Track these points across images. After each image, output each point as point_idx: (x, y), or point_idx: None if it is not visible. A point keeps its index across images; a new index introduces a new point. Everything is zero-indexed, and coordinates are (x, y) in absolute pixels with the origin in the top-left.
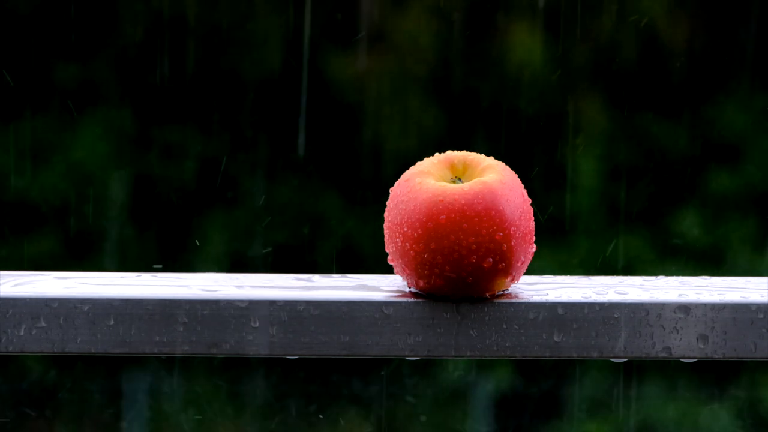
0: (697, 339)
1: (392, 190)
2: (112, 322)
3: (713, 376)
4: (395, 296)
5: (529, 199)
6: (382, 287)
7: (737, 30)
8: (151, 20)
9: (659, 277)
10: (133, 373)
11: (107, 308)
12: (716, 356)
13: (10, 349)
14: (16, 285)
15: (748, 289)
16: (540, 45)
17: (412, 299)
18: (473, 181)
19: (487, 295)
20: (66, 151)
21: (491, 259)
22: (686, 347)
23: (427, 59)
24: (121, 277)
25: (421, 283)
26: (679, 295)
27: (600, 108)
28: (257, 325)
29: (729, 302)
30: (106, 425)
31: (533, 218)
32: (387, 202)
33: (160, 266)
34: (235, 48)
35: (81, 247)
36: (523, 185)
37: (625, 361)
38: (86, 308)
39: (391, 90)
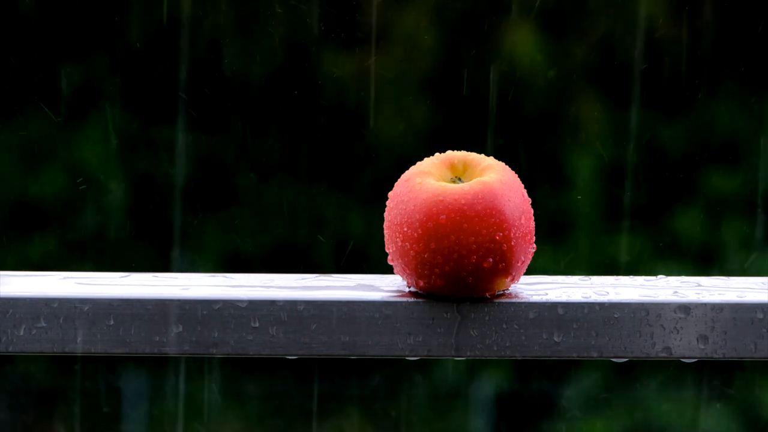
0: (697, 339)
1: (392, 190)
2: (112, 322)
3: (713, 376)
4: (395, 296)
5: (529, 199)
6: (382, 287)
7: (737, 29)
8: (152, 20)
9: (659, 277)
10: (133, 372)
11: (107, 308)
12: (716, 356)
13: (10, 349)
14: (16, 285)
15: (748, 289)
16: (540, 44)
17: (412, 299)
18: (473, 181)
19: (487, 295)
20: (66, 151)
21: (491, 259)
22: (686, 347)
23: (427, 59)
24: (121, 277)
25: (421, 283)
26: (679, 295)
27: (599, 107)
28: (257, 325)
29: (729, 302)
30: (106, 425)
31: (533, 218)
32: (387, 202)
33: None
34: (236, 48)
35: (81, 248)
36: (523, 185)
37: (625, 361)
38: (86, 308)
39: (392, 90)
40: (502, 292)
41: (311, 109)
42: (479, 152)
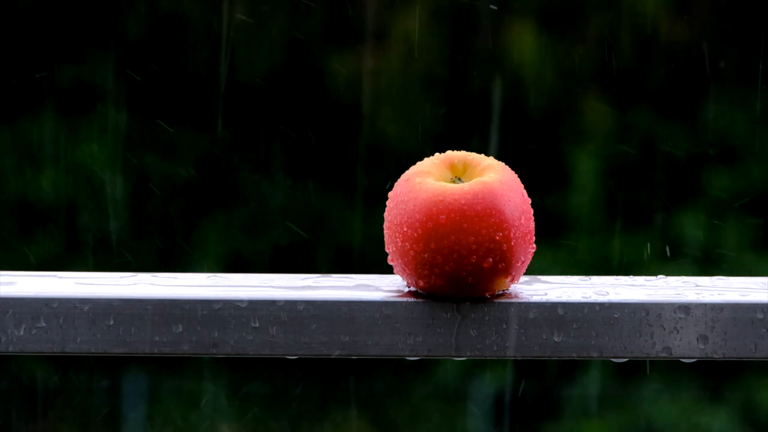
0: (697, 339)
1: (392, 190)
2: (112, 322)
3: (713, 376)
4: (395, 296)
5: (529, 199)
6: (382, 287)
7: (737, 30)
8: (151, 20)
9: (659, 277)
10: (132, 372)
11: (107, 308)
12: (716, 356)
13: (10, 349)
14: (16, 285)
15: (748, 289)
16: (540, 45)
17: (412, 299)
18: (473, 181)
19: (487, 295)
20: (66, 151)
21: (491, 259)
22: (686, 347)
23: (427, 59)
24: (121, 277)
25: (421, 283)
26: (679, 295)
27: (600, 107)
28: (257, 325)
29: (729, 302)
30: (106, 425)
31: (533, 218)
32: (387, 202)
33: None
34: (235, 47)
35: (81, 247)
36: (523, 185)
37: (625, 361)
38: (86, 308)
39: (391, 90)
40: (502, 292)
41: (312, 109)
42: (479, 152)
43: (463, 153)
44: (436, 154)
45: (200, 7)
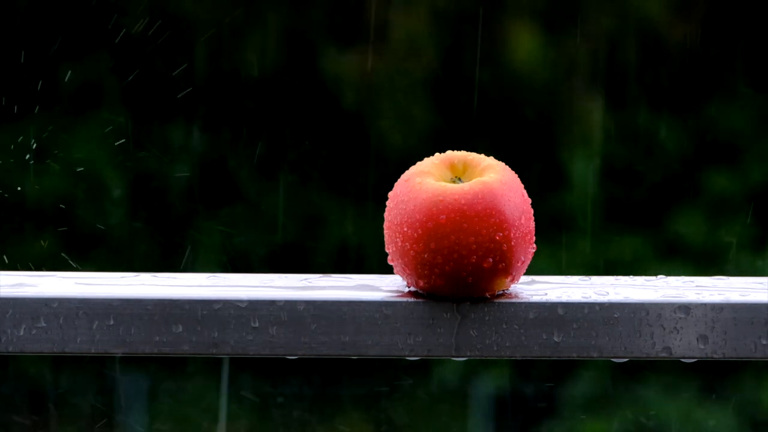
0: (697, 339)
1: (392, 190)
2: (112, 322)
3: (713, 376)
4: (395, 296)
5: (529, 199)
6: (382, 287)
7: (737, 30)
8: (151, 20)
9: (659, 277)
10: (132, 372)
11: (107, 308)
12: (716, 356)
13: (10, 349)
14: (16, 285)
15: (748, 289)
16: (540, 45)
17: (412, 299)
18: (473, 181)
19: (487, 295)
20: (66, 151)
21: (491, 259)
22: (686, 347)
23: (428, 59)
24: (121, 277)
25: (421, 283)
26: (679, 295)
27: (600, 108)
28: (257, 325)
29: (729, 302)
30: (107, 425)
31: (533, 218)
32: (387, 202)
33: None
34: (236, 47)
35: (81, 247)
36: (523, 185)
37: (625, 361)
38: (86, 308)
39: (392, 90)
40: (502, 292)
41: (311, 109)
42: (479, 152)
43: (463, 153)
44: (436, 154)
45: (200, 6)
